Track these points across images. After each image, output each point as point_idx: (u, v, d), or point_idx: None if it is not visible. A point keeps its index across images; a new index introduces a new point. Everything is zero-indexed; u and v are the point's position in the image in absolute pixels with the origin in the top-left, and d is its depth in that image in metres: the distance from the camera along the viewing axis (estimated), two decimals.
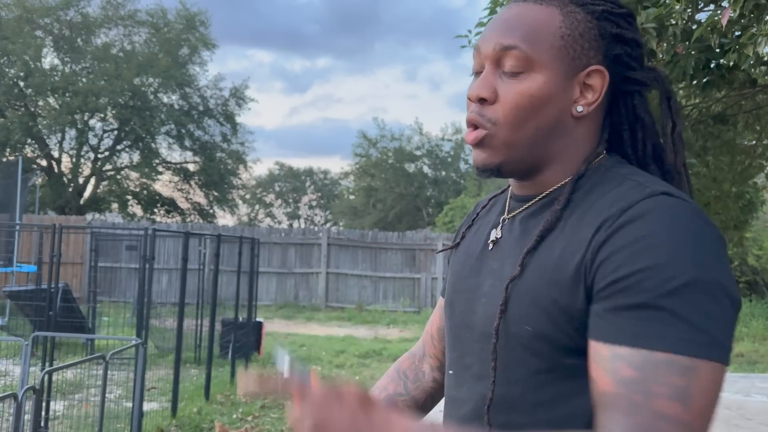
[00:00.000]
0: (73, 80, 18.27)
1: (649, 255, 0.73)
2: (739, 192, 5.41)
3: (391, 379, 1.14)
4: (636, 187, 0.80)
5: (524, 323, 0.81)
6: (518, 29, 0.85)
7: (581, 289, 0.77)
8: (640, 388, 0.70)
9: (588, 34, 0.85)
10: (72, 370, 5.84)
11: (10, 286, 8.53)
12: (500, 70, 0.85)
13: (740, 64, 2.84)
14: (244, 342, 7.50)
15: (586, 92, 0.86)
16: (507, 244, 0.89)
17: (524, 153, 0.86)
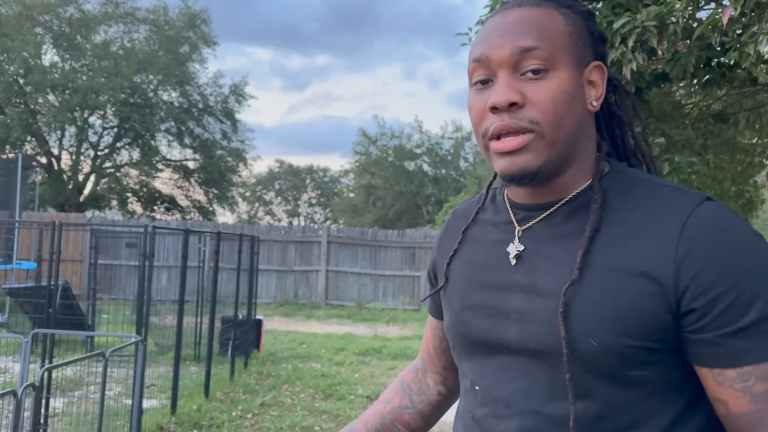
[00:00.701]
0: (72, 77, 18.24)
1: (737, 271, 0.74)
2: (739, 191, 5.41)
3: (396, 392, 1.13)
4: (676, 194, 0.81)
5: (588, 336, 0.78)
6: (532, 30, 0.83)
7: (660, 303, 0.76)
8: None
9: (585, 32, 0.87)
10: (72, 368, 5.84)
11: (9, 284, 8.53)
12: (518, 74, 0.83)
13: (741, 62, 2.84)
14: (244, 339, 7.51)
15: (592, 88, 0.87)
16: (538, 255, 0.85)
17: (563, 151, 0.84)
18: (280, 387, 6.58)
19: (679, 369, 0.79)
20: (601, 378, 0.79)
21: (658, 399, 0.79)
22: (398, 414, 1.10)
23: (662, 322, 0.77)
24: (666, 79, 3.72)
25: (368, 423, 1.10)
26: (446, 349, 1.08)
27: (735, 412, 0.75)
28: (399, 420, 1.10)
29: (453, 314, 0.95)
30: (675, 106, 4.67)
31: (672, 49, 3.11)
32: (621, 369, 0.78)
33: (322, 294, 14.23)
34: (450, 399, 1.13)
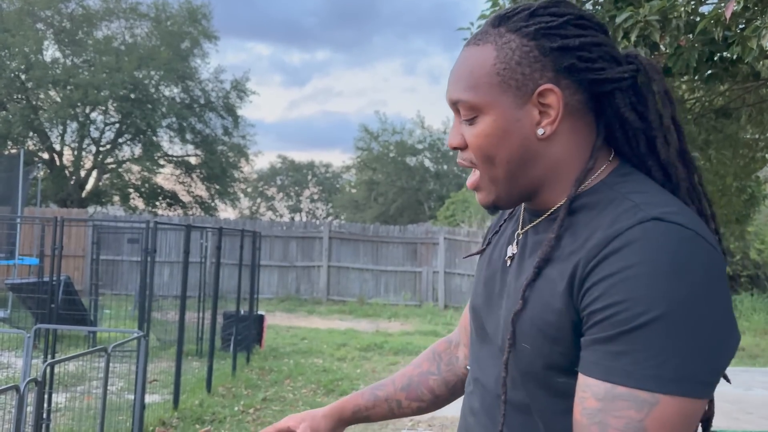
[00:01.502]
0: (74, 73, 18.24)
1: (626, 288, 0.73)
2: (741, 186, 5.39)
3: (426, 359, 1.19)
4: (629, 210, 0.79)
5: (524, 339, 0.84)
6: (461, 81, 0.88)
7: (570, 313, 0.79)
8: (598, 419, 0.73)
9: (526, 59, 0.84)
10: (74, 363, 5.86)
11: (12, 279, 8.54)
12: (462, 118, 0.90)
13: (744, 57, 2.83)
14: (246, 335, 7.52)
15: (547, 112, 0.85)
16: (518, 262, 0.92)
17: (508, 186, 0.88)
18: (282, 382, 6.59)
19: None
20: (534, 383, 0.84)
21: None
22: (425, 378, 1.16)
23: (570, 330, 0.79)
24: (668, 73, 3.70)
25: (395, 382, 1.17)
26: None
27: (574, 417, 0.77)
28: (424, 384, 1.16)
29: (471, 300, 1.03)
30: (677, 102, 4.66)
31: (674, 44, 3.10)
32: (550, 375, 0.82)
33: (323, 289, 14.24)
34: None
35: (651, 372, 0.71)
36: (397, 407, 1.15)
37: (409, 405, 1.15)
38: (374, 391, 1.15)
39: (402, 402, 1.14)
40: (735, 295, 13.33)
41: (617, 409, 0.72)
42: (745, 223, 5.95)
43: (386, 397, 1.15)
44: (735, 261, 12.47)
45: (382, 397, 1.15)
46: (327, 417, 1.14)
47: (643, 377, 0.71)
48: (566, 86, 0.85)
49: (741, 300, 13.07)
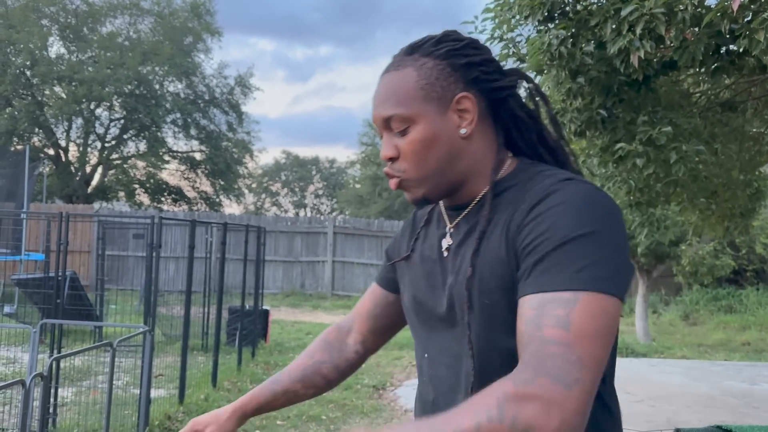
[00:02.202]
0: (78, 69, 18.26)
1: (548, 221, 0.93)
2: (747, 180, 5.36)
3: (319, 348, 1.33)
4: (547, 178, 1.00)
5: (483, 297, 0.99)
6: (389, 99, 1.05)
7: (512, 261, 0.97)
8: (534, 323, 0.88)
9: (442, 75, 1.04)
10: (80, 357, 5.88)
11: (18, 274, 8.58)
12: (392, 132, 1.05)
13: (751, 49, 2.81)
14: (251, 330, 7.53)
15: (464, 116, 1.04)
16: (459, 248, 1.07)
17: (438, 181, 1.05)
18: None
19: None
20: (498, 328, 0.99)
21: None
22: (318, 367, 1.30)
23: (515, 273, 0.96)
24: (674, 67, 3.69)
25: (291, 374, 1.30)
26: (377, 316, 1.30)
27: (517, 332, 0.92)
28: (318, 372, 1.30)
29: (410, 298, 1.16)
30: (683, 95, 4.64)
31: (680, 37, 3.08)
32: (508, 317, 0.96)
33: (328, 284, 14.26)
34: (364, 358, 1.33)
35: (570, 277, 0.88)
36: (295, 396, 1.29)
37: (306, 392, 1.29)
38: (272, 386, 1.28)
39: (299, 391, 1.29)
40: (740, 290, 13.28)
41: (548, 310, 0.88)
42: (751, 217, 5.92)
43: (284, 390, 1.28)
44: (740, 255, 12.41)
45: (280, 390, 1.28)
46: (231, 419, 1.25)
47: (564, 281, 0.88)
48: (475, 94, 1.05)
49: (746, 294, 13.02)
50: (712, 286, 12.83)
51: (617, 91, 3.83)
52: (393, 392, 6.16)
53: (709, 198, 5.26)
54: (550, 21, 3.64)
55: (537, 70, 4.02)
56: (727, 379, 7.17)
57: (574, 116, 3.92)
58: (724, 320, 11.81)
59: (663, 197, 4.87)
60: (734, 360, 8.74)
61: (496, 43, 4.31)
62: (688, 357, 8.79)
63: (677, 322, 11.98)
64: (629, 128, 3.81)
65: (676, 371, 7.49)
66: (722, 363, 8.36)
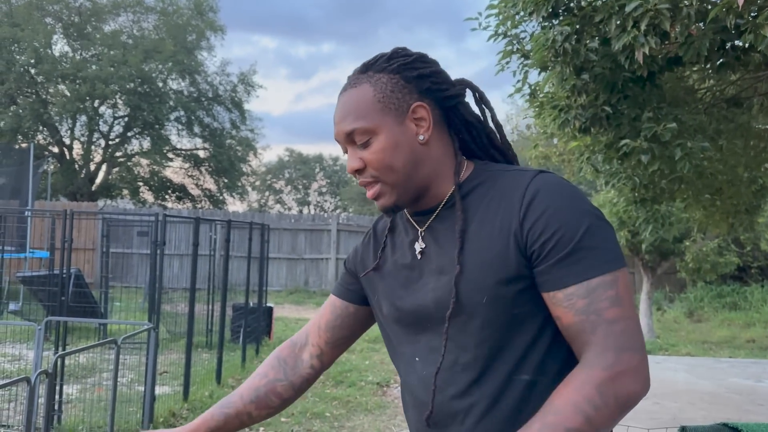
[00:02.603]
0: (82, 67, 18.28)
1: (556, 219, 1.01)
2: (752, 177, 5.34)
3: (272, 367, 1.31)
4: (517, 175, 1.09)
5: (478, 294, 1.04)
6: (350, 115, 1.10)
7: (516, 255, 1.03)
8: (591, 309, 0.99)
9: (396, 87, 1.11)
10: (85, 355, 5.90)
11: (23, 272, 8.60)
12: (356, 145, 1.11)
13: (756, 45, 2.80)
14: (255, 327, 7.55)
15: (421, 123, 1.11)
16: (435, 250, 1.12)
17: (406, 187, 1.11)
18: None
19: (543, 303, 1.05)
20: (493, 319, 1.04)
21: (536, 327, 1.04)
22: (272, 386, 1.28)
23: (522, 267, 1.03)
24: (679, 63, 3.67)
25: (243, 396, 1.26)
26: (336, 327, 1.30)
27: (566, 324, 1.01)
28: (272, 391, 1.27)
29: (388, 306, 1.18)
30: (688, 91, 4.62)
31: (685, 33, 3.07)
32: (506, 309, 1.04)
33: (332, 282, 14.26)
34: (320, 372, 1.32)
35: (604, 260, 1.00)
36: (248, 419, 1.26)
37: (260, 414, 1.26)
38: (223, 410, 1.24)
39: (252, 413, 1.26)
40: (745, 287, 13.24)
41: (599, 295, 0.99)
42: (755, 213, 5.90)
43: (236, 413, 1.25)
44: (745, 252, 12.38)
45: (233, 414, 1.24)
46: None
47: (602, 266, 1.00)
48: (428, 103, 1.12)
49: (751, 291, 12.98)
50: (717, 283, 12.80)
51: (622, 88, 3.82)
52: (397, 389, 6.16)
53: (714, 194, 5.24)
54: (554, 17, 3.63)
55: (541, 66, 4.00)
56: (732, 376, 7.16)
57: (578, 113, 3.91)
58: (729, 317, 11.77)
59: (668, 194, 4.85)
60: (739, 357, 8.72)
61: (500, 40, 4.30)
62: (693, 354, 8.78)
63: (682, 319, 11.95)
64: (634, 124, 3.80)
65: (681, 368, 7.47)
66: (727, 360, 8.35)
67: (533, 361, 1.04)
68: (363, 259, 1.27)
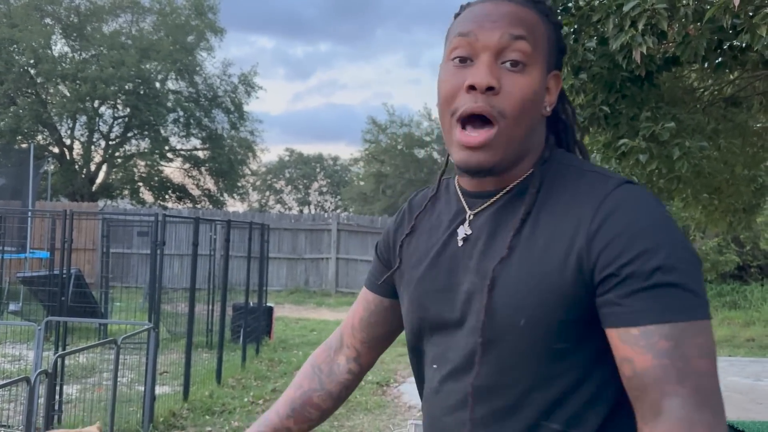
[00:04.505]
0: (82, 67, 18.29)
1: (643, 240, 0.81)
2: (751, 175, 5.35)
3: (306, 376, 1.17)
4: (598, 179, 0.88)
5: (516, 314, 0.85)
6: (522, 23, 0.88)
7: (577, 276, 0.83)
8: (678, 353, 0.79)
9: (554, 42, 0.93)
10: (85, 355, 5.90)
11: (23, 272, 8.61)
12: (499, 61, 0.87)
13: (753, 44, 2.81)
14: (255, 327, 7.55)
15: (548, 94, 0.93)
16: (481, 240, 0.92)
17: (517, 148, 0.90)
18: (291, 373, 6.62)
19: (600, 339, 0.85)
20: (526, 351, 0.86)
21: (580, 371, 0.85)
22: (308, 398, 1.15)
23: (581, 295, 0.83)
24: (677, 62, 3.68)
25: (279, 412, 1.14)
26: (372, 324, 1.14)
27: (640, 368, 0.80)
28: (309, 403, 1.14)
29: (412, 298, 1.00)
30: (686, 91, 4.62)
31: (683, 32, 3.08)
32: (546, 342, 0.85)
33: (332, 281, 14.27)
34: (360, 376, 1.18)
35: (696, 304, 0.81)
36: None
37: (300, 428, 1.15)
38: (260, 430, 1.13)
39: (292, 428, 1.14)
40: (745, 286, 13.24)
41: (687, 339, 0.79)
42: (755, 212, 5.91)
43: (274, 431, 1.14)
44: (745, 251, 12.38)
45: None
46: None
47: (692, 310, 0.80)
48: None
49: (751, 290, 12.98)
50: (717, 282, 12.80)
51: (620, 87, 3.83)
52: (397, 389, 6.17)
53: (713, 194, 5.25)
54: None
55: None
56: (732, 375, 7.16)
57: (576, 112, 3.92)
58: (729, 316, 11.78)
59: (666, 193, 4.86)
60: (739, 356, 8.73)
61: None
62: None
63: None
64: (632, 124, 3.81)
65: None
66: (727, 359, 8.35)
67: (570, 409, 0.85)
68: (395, 242, 1.08)
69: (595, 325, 0.84)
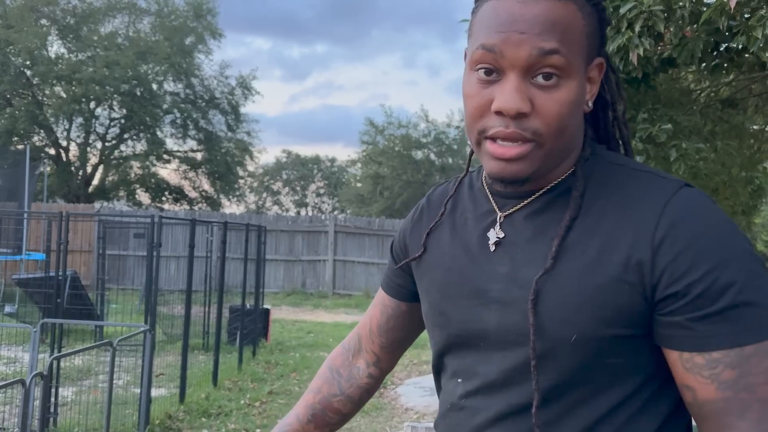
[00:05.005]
0: (77, 68, 18.25)
1: (712, 255, 0.74)
2: (748, 177, 5.36)
3: (325, 380, 1.13)
4: (654, 180, 0.81)
5: (565, 329, 0.78)
6: (554, 30, 0.77)
7: (635, 291, 0.77)
8: (743, 383, 0.73)
9: (596, 29, 0.83)
10: (81, 357, 5.89)
11: (19, 274, 8.59)
12: (529, 76, 0.78)
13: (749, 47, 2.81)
14: (252, 329, 7.54)
15: (589, 85, 0.84)
16: (517, 244, 0.84)
17: (557, 156, 0.82)
18: (287, 375, 6.61)
19: (654, 355, 0.80)
20: (576, 367, 0.79)
21: (630, 385, 0.80)
22: (328, 402, 1.11)
23: (639, 309, 0.77)
24: (673, 64, 3.68)
25: (300, 416, 1.11)
26: (390, 329, 1.09)
27: (702, 399, 0.76)
28: (329, 408, 1.11)
29: (431, 304, 0.93)
30: (683, 92, 4.63)
31: (679, 34, 3.08)
32: (598, 357, 0.78)
33: (329, 283, 14.26)
34: (380, 379, 1.14)
35: (765, 322, 0.74)
36: None
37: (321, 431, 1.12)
38: None
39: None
40: None
41: (753, 365, 0.73)
42: (752, 214, 5.92)
43: None
44: None
45: None
46: None
47: (762, 329, 0.73)
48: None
49: None
50: None
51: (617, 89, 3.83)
52: (394, 391, 6.16)
53: (710, 195, 5.26)
54: None
55: None
56: None
57: None
58: None
59: None
60: None
61: None
62: None
63: None
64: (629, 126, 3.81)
65: None
66: None
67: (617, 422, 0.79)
68: (412, 241, 0.99)
69: (649, 338, 0.79)
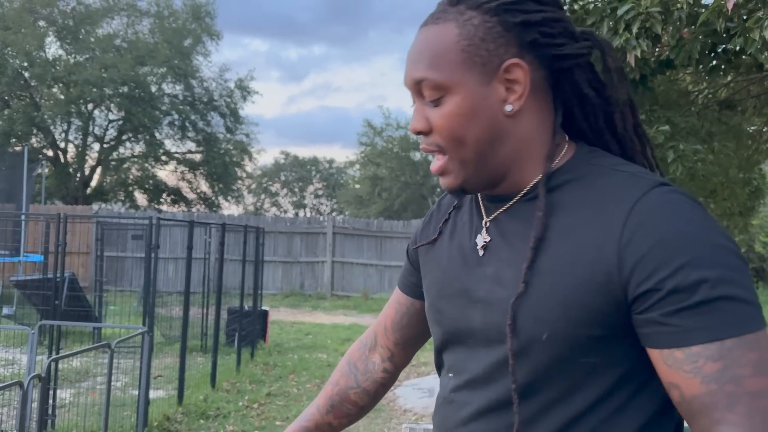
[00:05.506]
0: (75, 70, 18.24)
1: (682, 250, 0.75)
2: (745, 178, 5.37)
3: (342, 374, 1.19)
4: (629, 180, 0.81)
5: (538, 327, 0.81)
6: (422, 59, 0.85)
7: (606, 290, 0.78)
8: (728, 376, 0.73)
9: (490, 34, 0.84)
10: (79, 359, 5.88)
11: (17, 276, 8.57)
12: (424, 99, 0.87)
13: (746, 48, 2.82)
14: (250, 330, 7.53)
15: (513, 88, 0.84)
16: (499, 248, 0.88)
17: (479, 168, 0.86)
18: (286, 377, 6.61)
19: (629, 355, 0.80)
20: (549, 365, 0.81)
21: (606, 384, 0.81)
22: (345, 395, 1.16)
23: (610, 310, 0.78)
24: (671, 66, 3.69)
25: (320, 407, 1.17)
26: (404, 326, 1.13)
27: (689, 395, 0.75)
28: (346, 400, 1.16)
29: (430, 302, 0.98)
30: (680, 94, 4.64)
31: (677, 36, 3.09)
32: (571, 356, 0.80)
33: (327, 285, 14.25)
34: (396, 374, 1.18)
35: (746, 315, 0.74)
36: (330, 429, 1.17)
37: (340, 422, 1.17)
38: (303, 425, 1.16)
39: (332, 423, 1.17)
40: None
41: (738, 357, 0.73)
42: (750, 215, 5.93)
43: (316, 426, 1.16)
44: None
45: (312, 427, 1.16)
46: None
47: (742, 323, 0.74)
48: (529, 62, 0.84)
49: None
50: None
51: None
52: (392, 392, 6.16)
53: (708, 197, 5.27)
54: None
55: None
56: None
57: None
58: None
59: None
60: None
61: None
62: None
63: None
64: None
65: None
66: None
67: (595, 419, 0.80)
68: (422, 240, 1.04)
69: (629, 338, 0.79)
